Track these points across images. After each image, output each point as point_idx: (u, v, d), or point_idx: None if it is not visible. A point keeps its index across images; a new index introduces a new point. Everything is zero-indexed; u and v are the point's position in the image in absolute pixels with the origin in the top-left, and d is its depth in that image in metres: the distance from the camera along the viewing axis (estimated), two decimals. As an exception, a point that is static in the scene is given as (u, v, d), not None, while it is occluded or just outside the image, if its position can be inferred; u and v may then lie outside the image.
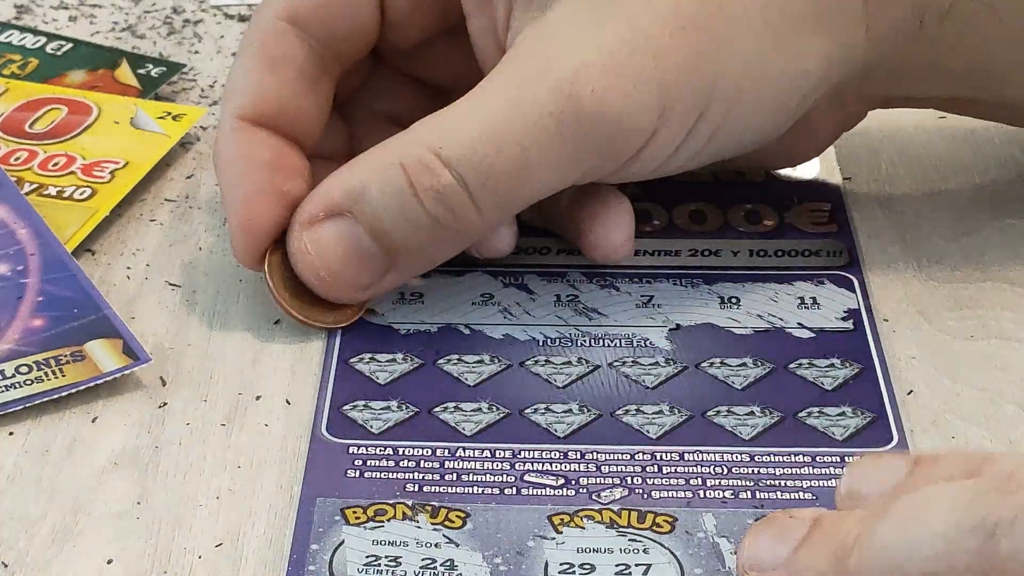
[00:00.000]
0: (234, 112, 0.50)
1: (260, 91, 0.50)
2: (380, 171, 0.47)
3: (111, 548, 0.43)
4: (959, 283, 0.52)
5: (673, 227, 0.54)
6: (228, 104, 0.51)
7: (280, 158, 0.50)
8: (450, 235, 0.48)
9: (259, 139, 0.50)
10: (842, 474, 0.41)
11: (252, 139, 0.50)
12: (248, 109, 0.50)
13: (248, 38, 0.51)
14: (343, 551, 0.43)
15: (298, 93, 0.51)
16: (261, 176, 0.49)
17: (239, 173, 0.50)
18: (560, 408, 0.47)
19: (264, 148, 0.50)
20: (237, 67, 0.51)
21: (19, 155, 0.57)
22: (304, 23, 0.51)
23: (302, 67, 0.51)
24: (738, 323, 0.50)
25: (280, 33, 0.51)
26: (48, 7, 0.67)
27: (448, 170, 0.46)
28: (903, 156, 0.58)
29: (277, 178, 0.49)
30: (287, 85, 0.51)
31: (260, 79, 0.51)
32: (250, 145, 0.50)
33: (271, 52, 0.51)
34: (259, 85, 0.50)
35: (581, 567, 0.42)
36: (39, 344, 0.49)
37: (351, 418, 0.47)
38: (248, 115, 0.50)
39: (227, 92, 0.51)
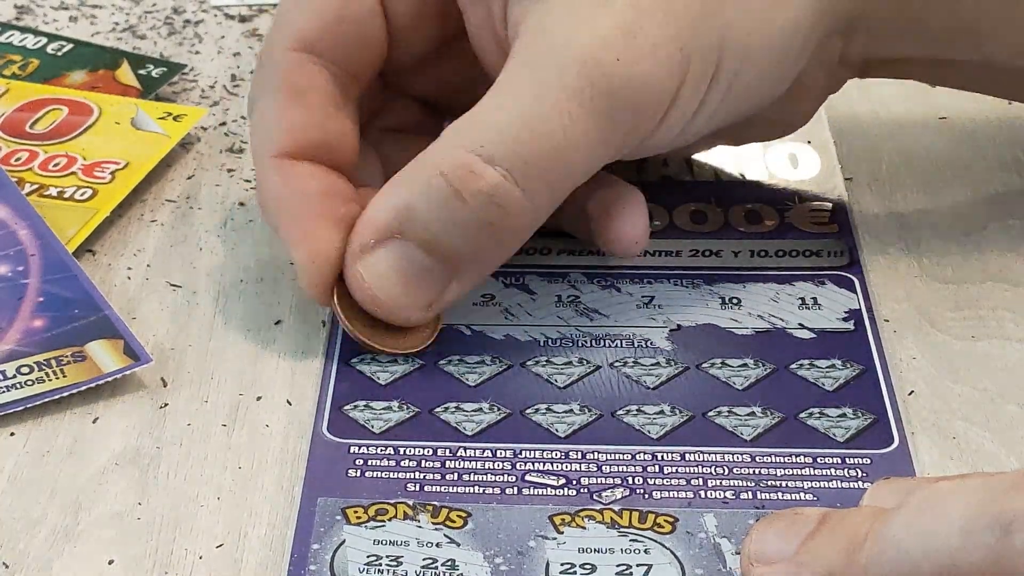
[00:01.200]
0: (272, 152, 0.50)
1: (294, 125, 0.50)
2: (422, 185, 0.47)
3: (112, 548, 0.43)
4: (960, 283, 0.52)
5: (674, 227, 0.54)
6: (262, 145, 0.50)
7: (329, 186, 0.49)
8: (505, 232, 0.47)
9: (304, 172, 0.49)
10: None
11: (297, 173, 0.49)
12: (286, 145, 0.49)
13: (265, 75, 0.51)
14: (344, 551, 0.43)
15: (330, 120, 0.50)
16: (316, 207, 0.49)
17: (293, 208, 0.49)
18: (561, 408, 0.47)
19: (311, 180, 0.49)
20: (262, 106, 0.50)
21: (20, 156, 0.57)
22: (318, 49, 0.50)
23: (328, 93, 0.50)
24: (739, 323, 0.50)
25: (298, 64, 0.50)
26: (49, 8, 0.67)
27: (492, 167, 0.46)
28: (904, 156, 0.58)
29: (332, 205, 0.49)
30: (318, 114, 0.50)
31: (291, 113, 0.50)
32: (297, 179, 0.49)
33: (294, 84, 0.50)
34: (291, 119, 0.50)
35: (582, 567, 0.42)
36: (40, 345, 0.49)
37: (352, 418, 0.47)
38: (287, 151, 0.49)
39: (259, 132, 0.50)
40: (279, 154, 0.49)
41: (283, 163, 0.49)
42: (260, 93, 0.51)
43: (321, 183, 0.49)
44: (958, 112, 0.60)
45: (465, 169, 0.46)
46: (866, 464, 0.45)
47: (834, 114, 0.60)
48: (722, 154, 0.58)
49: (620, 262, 0.53)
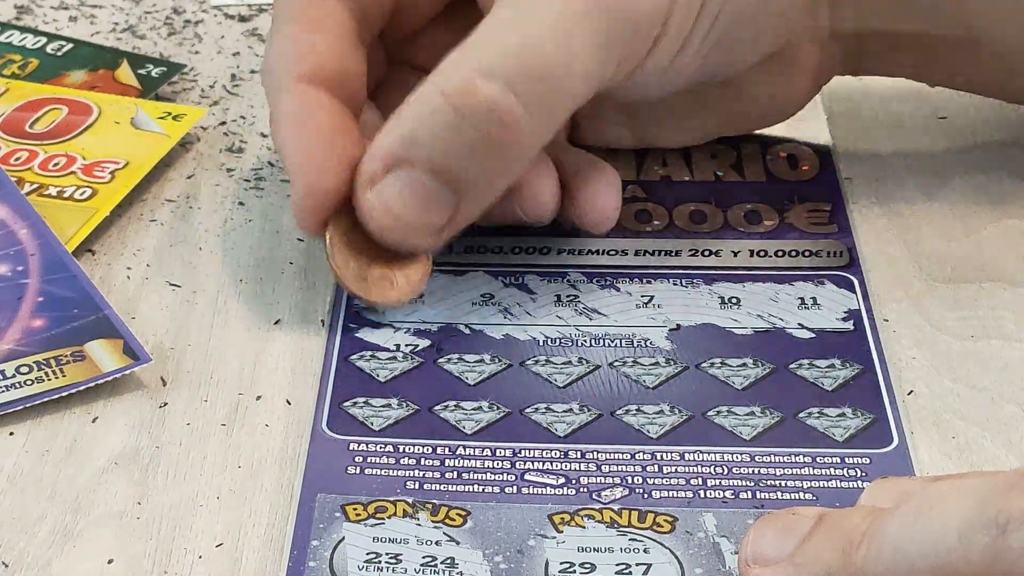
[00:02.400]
0: (293, 74, 0.50)
1: (314, 51, 0.50)
2: (425, 110, 0.47)
3: (112, 548, 0.43)
4: (959, 283, 0.52)
5: (673, 227, 0.54)
6: (279, 68, 0.50)
7: (341, 123, 0.50)
8: (507, 149, 0.47)
9: (321, 102, 0.50)
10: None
11: (314, 102, 0.49)
12: (304, 70, 0.50)
13: (282, 8, 0.51)
14: (343, 548, 0.43)
15: (347, 53, 0.50)
16: (327, 139, 0.49)
17: (304, 137, 0.49)
18: (560, 408, 0.47)
19: (326, 112, 0.49)
20: (280, 34, 0.51)
21: (19, 155, 0.57)
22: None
23: (344, 26, 0.51)
24: (738, 323, 0.50)
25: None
26: (48, 7, 0.67)
27: (492, 82, 0.46)
28: (903, 156, 0.58)
29: (341, 143, 0.49)
30: (337, 44, 0.50)
31: (309, 39, 0.50)
32: (313, 108, 0.49)
33: (313, 14, 0.50)
34: (312, 45, 0.50)
35: (581, 566, 0.42)
36: (39, 344, 0.49)
37: (352, 415, 0.47)
38: (307, 75, 0.50)
39: (274, 59, 0.51)
40: (297, 78, 0.50)
41: (302, 88, 0.50)
42: (278, 25, 0.51)
43: (335, 118, 0.49)
44: (958, 112, 0.60)
45: (464, 87, 0.46)
46: (865, 464, 0.45)
47: (834, 114, 0.60)
48: (722, 154, 0.58)
49: (620, 261, 0.53)
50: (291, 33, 0.50)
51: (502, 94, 0.46)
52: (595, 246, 0.53)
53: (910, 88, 0.59)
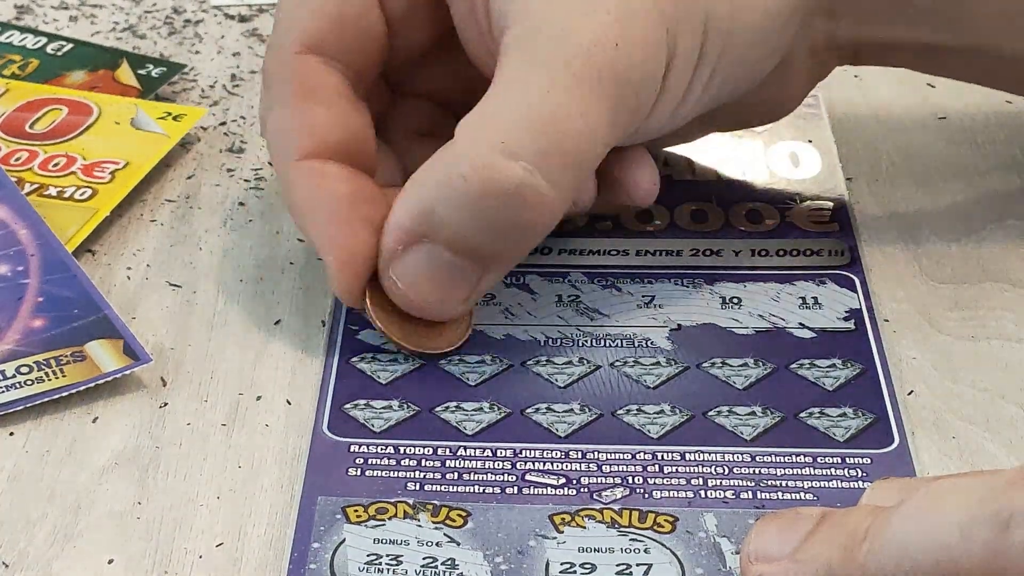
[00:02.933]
0: (296, 154, 0.49)
1: (315, 125, 0.49)
2: (443, 186, 0.46)
3: (112, 548, 0.43)
4: (960, 283, 0.52)
5: (674, 227, 0.54)
6: (284, 149, 0.49)
7: (357, 187, 0.49)
8: (533, 225, 0.47)
9: (332, 173, 0.49)
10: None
11: (324, 175, 0.49)
12: (310, 146, 0.49)
13: (273, 80, 0.50)
14: (344, 550, 0.43)
15: (348, 118, 0.50)
16: (346, 210, 0.48)
17: (323, 212, 0.48)
18: (561, 408, 0.47)
19: (339, 181, 0.49)
20: (277, 113, 0.50)
21: (19, 155, 0.57)
22: (324, 49, 0.50)
23: (340, 91, 0.50)
24: (739, 323, 0.50)
25: (308, 65, 0.50)
26: (48, 7, 0.67)
27: (515, 161, 0.45)
28: (904, 156, 0.58)
29: (361, 208, 0.48)
30: (335, 113, 0.50)
31: (309, 114, 0.49)
32: (325, 181, 0.49)
33: (307, 86, 0.50)
34: (310, 120, 0.49)
35: (582, 567, 0.42)
36: (40, 344, 0.49)
37: (352, 417, 0.47)
38: (311, 152, 0.49)
39: (277, 138, 0.50)
40: (304, 156, 0.49)
41: (310, 165, 0.49)
42: (273, 99, 0.50)
43: (349, 185, 0.49)
44: (958, 112, 0.60)
45: (488, 168, 0.45)
46: (866, 464, 0.45)
47: (834, 114, 0.60)
48: (723, 154, 0.58)
49: (621, 261, 0.53)
50: (286, 111, 0.50)
51: (527, 174, 0.45)
52: (596, 246, 0.53)
53: (910, 88, 0.59)
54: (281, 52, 0.50)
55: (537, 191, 0.46)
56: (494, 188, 0.45)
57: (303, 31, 0.50)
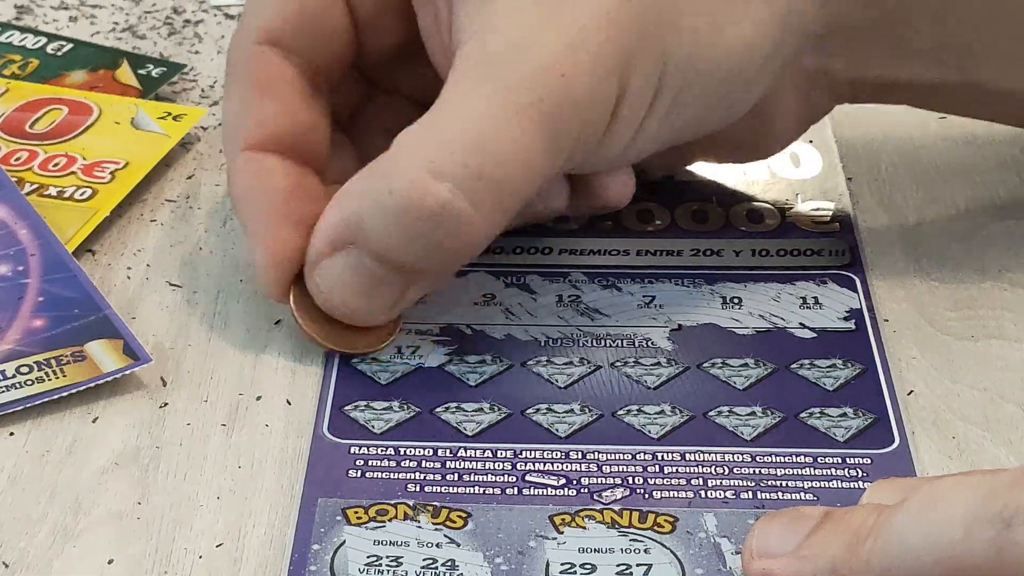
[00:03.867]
0: (241, 144, 0.49)
1: (262, 117, 0.50)
2: (372, 199, 0.46)
3: (112, 548, 0.43)
4: (960, 283, 0.52)
5: (675, 227, 0.54)
6: (232, 138, 0.50)
7: (297, 183, 0.49)
8: (457, 247, 0.47)
9: (272, 167, 0.49)
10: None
11: (265, 168, 0.49)
12: (254, 138, 0.49)
13: (232, 69, 0.51)
14: (344, 551, 0.43)
15: (299, 112, 0.50)
16: (281, 205, 0.48)
17: (258, 205, 0.49)
18: (562, 408, 0.47)
19: (279, 176, 0.49)
20: (230, 101, 0.50)
21: (20, 155, 0.57)
22: (283, 42, 0.50)
23: (295, 86, 0.50)
24: (740, 323, 0.50)
25: (263, 57, 0.50)
26: (48, 7, 0.67)
27: (442, 184, 0.45)
28: (904, 156, 0.58)
29: (297, 204, 0.49)
30: (286, 106, 0.50)
31: (259, 105, 0.50)
32: (265, 174, 0.49)
33: (261, 77, 0.50)
34: (259, 112, 0.50)
35: (582, 567, 0.42)
36: (40, 344, 0.49)
37: (352, 418, 0.47)
38: (256, 144, 0.49)
39: (227, 127, 0.50)
40: (248, 146, 0.49)
41: (252, 156, 0.49)
42: (228, 88, 0.51)
43: (289, 180, 0.49)
44: (958, 112, 0.60)
45: (414, 186, 0.45)
46: (866, 464, 0.45)
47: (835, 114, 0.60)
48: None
49: (621, 261, 0.53)
50: (238, 100, 0.50)
51: (452, 196, 0.45)
52: (597, 246, 0.53)
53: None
54: (241, 41, 0.51)
55: (460, 214, 0.45)
56: (417, 207, 0.45)
57: (263, 22, 0.50)
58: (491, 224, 0.47)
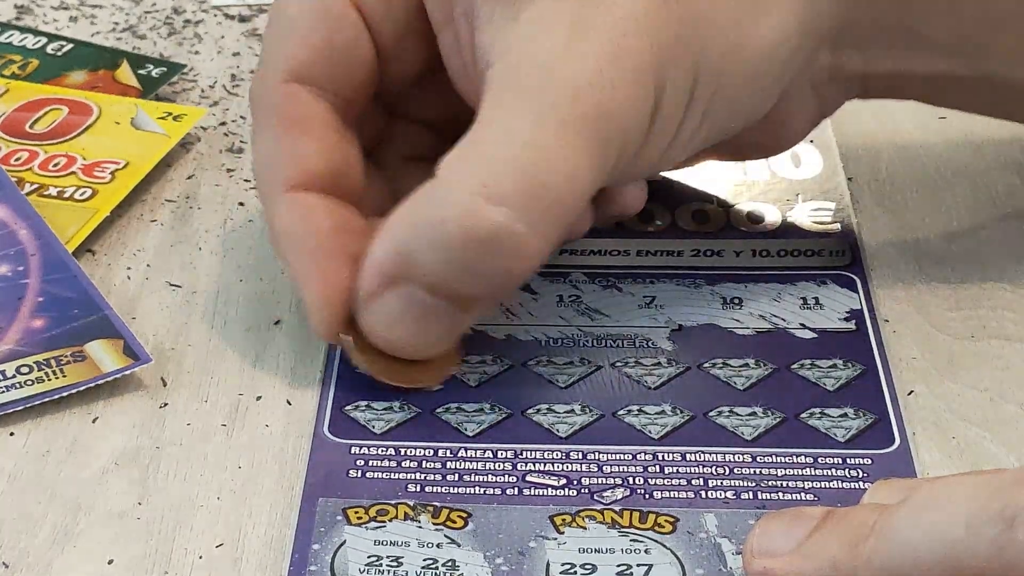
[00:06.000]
0: (280, 186, 0.48)
1: (299, 156, 0.48)
2: (423, 229, 0.45)
3: (112, 548, 0.43)
4: (960, 283, 0.52)
5: (676, 227, 0.54)
6: (270, 180, 0.49)
7: (341, 220, 0.48)
8: (513, 268, 0.45)
9: (315, 205, 0.48)
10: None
11: (308, 207, 0.48)
12: (294, 178, 0.48)
13: (261, 110, 0.49)
14: (345, 551, 0.43)
15: (334, 149, 0.49)
16: (328, 244, 0.47)
17: (305, 245, 0.47)
18: (562, 408, 0.47)
19: (322, 214, 0.48)
20: (263, 142, 0.49)
21: (20, 155, 0.57)
22: (311, 78, 0.49)
23: (327, 121, 0.49)
24: (740, 324, 0.50)
25: (294, 95, 0.49)
26: (48, 7, 0.67)
27: (498, 208, 0.44)
28: (904, 157, 0.58)
29: (344, 242, 0.47)
30: (322, 144, 0.49)
31: (294, 145, 0.49)
32: (309, 215, 0.48)
33: (293, 116, 0.49)
34: (296, 151, 0.49)
35: (583, 567, 0.42)
36: (40, 344, 0.49)
37: (353, 418, 0.47)
38: (296, 184, 0.48)
39: (262, 169, 0.49)
40: (288, 188, 0.48)
41: (293, 197, 0.48)
42: (259, 127, 0.50)
43: (333, 218, 0.48)
44: (957, 112, 0.60)
45: (467, 213, 0.44)
46: (867, 464, 0.45)
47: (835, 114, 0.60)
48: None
49: (622, 262, 0.53)
50: (272, 140, 0.49)
51: (509, 220, 0.44)
52: (597, 246, 0.53)
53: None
54: (268, 80, 0.49)
55: (518, 237, 0.44)
56: (475, 234, 0.44)
57: (290, 60, 0.49)
58: (547, 244, 0.45)
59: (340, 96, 0.50)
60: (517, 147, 0.45)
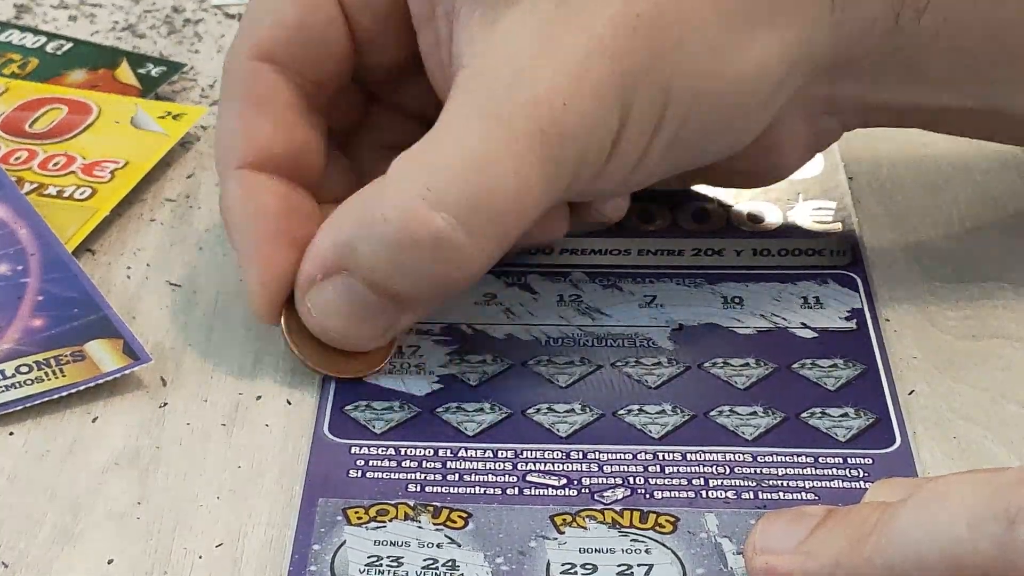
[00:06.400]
0: (233, 163, 0.49)
1: (255, 135, 0.49)
2: (366, 225, 0.45)
3: (112, 548, 0.43)
4: (961, 283, 0.52)
5: (676, 227, 0.54)
6: (225, 156, 0.49)
7: (289, 203, 0.48)
8: (449, 275, 0.46)
9: (265, 186, 0.48)
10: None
11: (258, 188, 0.48)
12: (248, 157, 0.48)
13: (226, 85, 0.50)
14: (345, 551, 0.43)
15: (294, 131, 0.49)
16: (273, 226, 0.48)
17: (250, 226, 0.48)
18: (562, 408, 0.47)
19: (271, 195, 0.48)
20: (224, 117, 0.49)
21: (19, 155, 0.57)
22: (278, 58, 0.49)
23: (290, 103, 0.49)
24: (741, 323, 0.50)
25: (258, 73, 0.49)
26: (48, 6, 0.67)
27: (438, 214, 0.44)
28: (905, 156, 0.58)
29: (290, 225, 0.48)
30: (280, 124, 0.49)
31: (252, 123, 0.49)
32: (257, 194, 0.48)
33: (255, 94, 0.49)
34: (253, 129, 0.49)
35: (583, 567, 0.42)
36: (39, 344, 0.49)
37: (353, 418, 0.47)
38: (249, 162, 0.48)
39: (220, 144, 0.49)
40: (241, 165, 0.48)
41: (244, 175, 0.48)
42: (223, 102, 0.50)
43: (281, 200, 0.48)
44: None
45: (408, 214, 0.44)
46: (868, 464, 0.45)
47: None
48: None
49: (622, 261, 0.53)
50: (233, 117, 0.49)
51: (450, 227, 0.44)
52: (598, 246, 0.53)
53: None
54: (237, 57, 0.50)
55: (457, 245, 0.44)
56: (412, 236, 0.44)
57: (260, 38, 0.49)
58: (487, 255, 0.46)
59: (308, 79, 0.50)
60: (467, 155, 0.45)
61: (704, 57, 0.46)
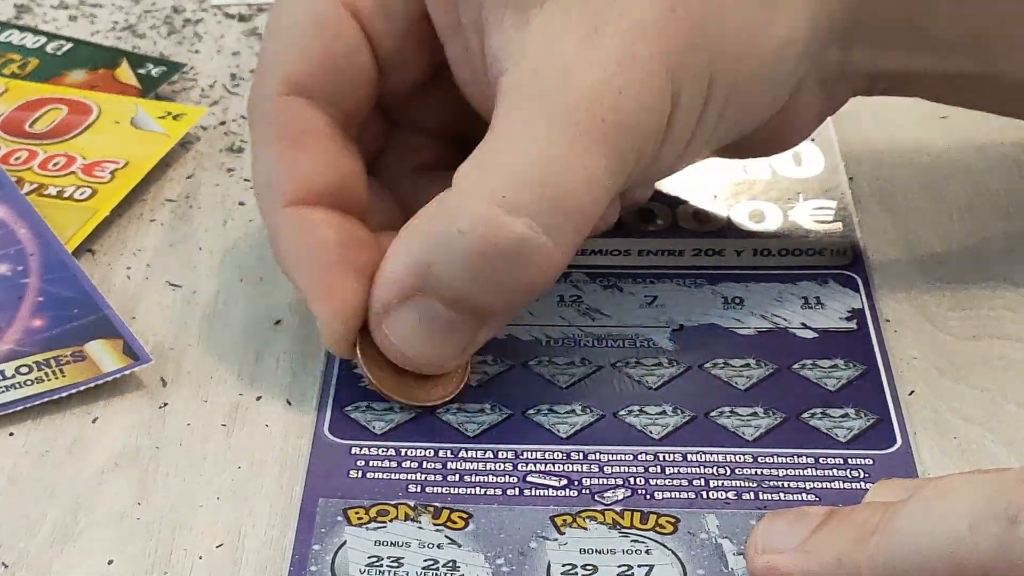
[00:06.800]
0: (280, 202, 0.47)
1: (300, 171, 0.48)
2: (440, 241, 0.44)
3: (111, 548, 0.43)
4: (961, 283, 0.52)
5: (677, 227, 0.54)
6: (270, 196, 0.48)
7: (347, 234, 0.47)
8: (533, 279, 0.45)
9: (319, 220, 0.47)
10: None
11: (312, 222, 0.47)
12: (297, 194, 0.47)
13: (258, 124, 0.49)
14: (345, 552, 0.43)
15: (336, 162, 0.48)
16: (336, 257, 0.47)
17: (312, 261, 0.47)
18: (563, 409, 0.47)
19: (328, 228, 0.47)
20: (261, 158, 0.48)
21: (19, 155, 0.57)
22: (309, 90, 0.48)
23: (329, 135, 0.48)
24: (741, 323, 0.50)
25: (292, 108, 0.48)
26: (48, 7, 0.67)
27: (517, 218, 0.44)
28: (905, 156, 0.58)
29: (352, 255, 0.47)
30: (323, 157, 0.48)
31: (295, 160, 0.48)
32: (313, 229, 0.47)
33: (292, 129, 0.48)
34: (297, 166, 0.48)
35: (583, 568, 0.42)
36: (39, 344, 0.49)
37: (353, 419, 0.47)
38: (298, 200, 0.47)
39: (262, 185, 0.48)
40: (289, 203, 0.47)
41: (296, 212, 0.47)
42: (257, 144, 0.49)
43: (338, 232, 0.47)
44: (958, 112, 0.60)
45: (487, 224, 0.44)
46: (868, 464, 0.45)
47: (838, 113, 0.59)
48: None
49: (623, 262, 0.53)
50: (271, 156, 0.48)
51: (529, 231, 0.44)
52: (598, 246, 0.53)
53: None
54: (265, 93, 0.49)
55: (539, 247, 0.44)
56: (495, 245, 0.44)
57: (288, 72, 0.48)
58: (567, 254, 0.45)
59: (339, 108, 0.49)
60: (535, 156, 0.44)
61: (739, 33, 0.47)
